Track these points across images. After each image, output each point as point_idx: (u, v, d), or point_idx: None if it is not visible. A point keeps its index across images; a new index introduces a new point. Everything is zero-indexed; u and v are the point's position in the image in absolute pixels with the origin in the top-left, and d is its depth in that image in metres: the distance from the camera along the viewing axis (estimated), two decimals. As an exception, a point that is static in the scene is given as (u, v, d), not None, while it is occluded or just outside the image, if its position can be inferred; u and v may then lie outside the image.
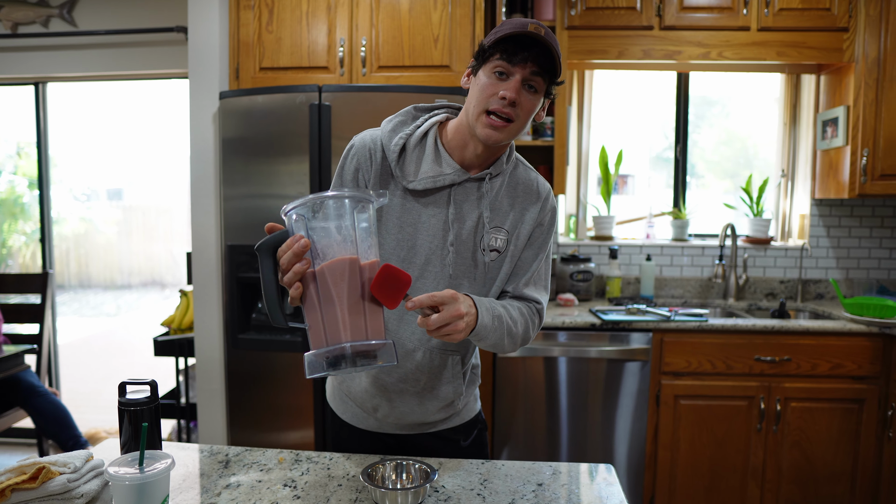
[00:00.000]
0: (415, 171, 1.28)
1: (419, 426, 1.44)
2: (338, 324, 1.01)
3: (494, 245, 1.32)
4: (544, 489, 1.21)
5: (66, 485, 1.09)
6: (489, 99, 1.20)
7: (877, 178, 2.92)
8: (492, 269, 1.33)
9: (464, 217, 1.30)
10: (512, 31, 1.17)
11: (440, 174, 1.27)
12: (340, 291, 1.01)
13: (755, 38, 2.94)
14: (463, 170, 1.29)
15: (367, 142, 1.31)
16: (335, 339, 1.01)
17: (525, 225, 1.34)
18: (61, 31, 3.43)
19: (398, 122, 1.33)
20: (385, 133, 1.31)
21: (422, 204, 1.29)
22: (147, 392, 1.20)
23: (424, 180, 1.27)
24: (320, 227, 1.02)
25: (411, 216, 1.29)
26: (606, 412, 2.73)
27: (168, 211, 6.83)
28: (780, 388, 2.66)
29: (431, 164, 1.28)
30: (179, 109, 4.12)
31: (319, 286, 1.01)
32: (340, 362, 1.00)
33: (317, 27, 2.80)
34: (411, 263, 1.30)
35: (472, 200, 1.30)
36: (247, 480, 1.22)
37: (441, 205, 1.29)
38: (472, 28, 2.75)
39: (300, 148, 2.59)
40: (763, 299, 3.35)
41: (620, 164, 3.44)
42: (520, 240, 1.34)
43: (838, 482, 2.70)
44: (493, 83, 1.20)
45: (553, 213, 1.38)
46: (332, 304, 1.01)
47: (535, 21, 1.18)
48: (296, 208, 1.02)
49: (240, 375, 2.74)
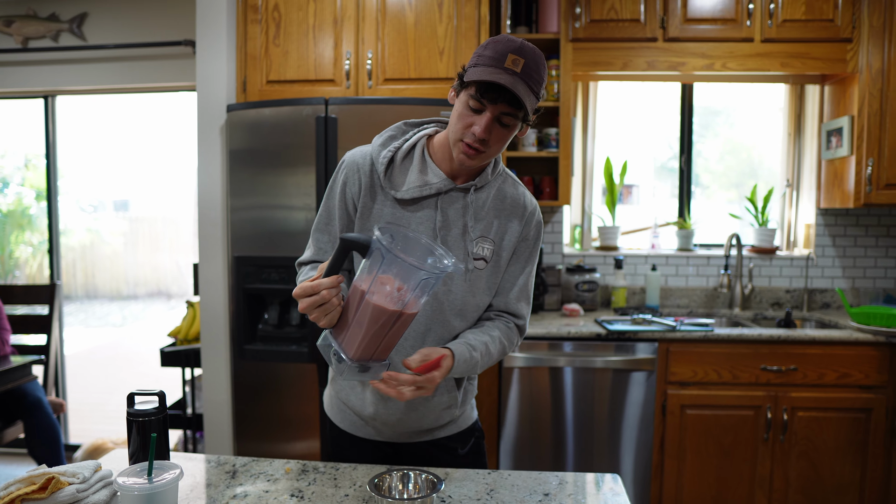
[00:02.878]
0: (402, 181, 1.33)
1: (416, 434, 1.46)
2: (355, 341, 1.10)
3: (481, 254, 1.36)
4: (550, 499, 1.21)
5: (75, 495, 1.10)
6: (463, 130, 1.24)
7: (882, 187, 2.92)
8: (478, 276, 1.37)
9: (450, 224, 1.34)
10: (484, 77, 1.17)
11: (426, 183, 1.32)
12: (371, 327, 1.09)
13: (759, 49, 2.96)
14: (449, 179, 1.33)
15: (356, 158, 1.36)
16: (347, 346, 1.12)
17: (510, 236, 1.38)
18: (71, 45, 3.47)
19: (388, 136, 1.38)
20: (375, 148, 1.36)
21: (410, 212, 1.34)
22: (156, 403, 1.21)
23: (411, 190, 1.32)
24: (396, 266, 1.06)
25: (401, 223, 1.34)
26: (612, 422, 2.72)
27: (174, 222, 6.86)
28: (786, 398, 2.65)
29: (418, 174, 1.33)
30: (187, 122, 4.15)
31: (359, 310, 1.09)
32: (337, 362, 1.13)
33: (323, 40, 2.83)
34: None
35: (457, 209, 1.34)
36: (254, 491, 1.23)
37: (429, 213, 1.33)
38: (478, 41, 2.77)
39: (307, 160, 2.61)
40: (769, 309, 3.34)
41: (625, 175, 3.45)
42: (505, 251, 1.39)
43: (846, 492, 2.69)
44: (468, 115, 1.23)
45: (538, 228, 1.42)
46: (360, 327, 1.10)
47: (518, 48, 1.18)
48: (393, 242, 1.06)
49: (246, 386, 2.75)
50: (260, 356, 2.71)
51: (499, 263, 1.39)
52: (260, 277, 2.68)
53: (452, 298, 1.35)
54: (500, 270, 1.39)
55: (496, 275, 1.39)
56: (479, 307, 1.40)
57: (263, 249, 2.68)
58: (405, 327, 1.13)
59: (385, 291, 1.07)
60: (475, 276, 1.36)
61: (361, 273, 1.10)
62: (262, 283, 2.68)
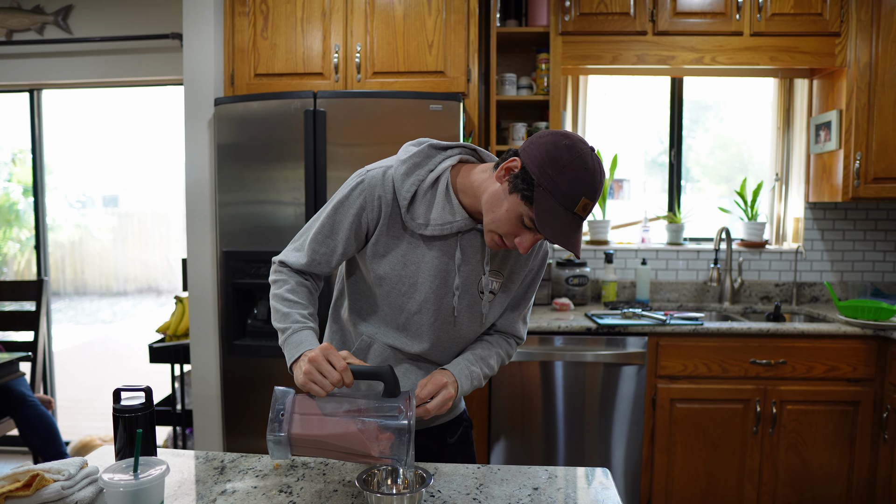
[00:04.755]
0: (424, 215, 1.29)
1: None
2: (309, 430, 1.14)
3: (492, 288, 1.37)
4: (540, 493, 1.21)
5: (60, 492, 1.09)
6: (506, 233, 1.21)
7: (870, 181, 2.94)
8: (489, 309, 1.39)
9: (468, 262, 1.33)
10: (549, 234, 1.15)
11: (449, 222, 1.29)
12: (333, 441, 1.13)
13: (748, 42, 2.96)
14: (471, 219, 1.30)
15: (376, 184, 1.29)
16: (297, 424, 1.14)
17: (520, 270, 1.40)
18: (56, 38, 3.43)
19: (413, 163, 1.29)
20: (398, 175, 1.28)
21: (427, 246, 1.31)
22: (142, 398, 1.20)
23: (434, 227, 1.29)
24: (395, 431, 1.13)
25: (416, 255, 1.31)
26: (603, 416, 2.73)
27: (164, 217, 6.81)
28: (775, 391, 2.67)
29: (441, 211, 1.29)
30: (175, 116, 4.12)
31: (337, 422, 1.14)
32: (276, 419, 1.14)
33: (311, 33, 2.81)
34: (411, 298, 1.33)
35: (475, 246, 1.33)
36: (242, 487, 1.22)
37: (446, 249, 1.31)
38: (467, 34, 2.76)
39: (295, 154, 2.59)
40: (758, 302, 3.36)
41: (615, 169, 3.45)
42: (514, 283, 1.41)
43: (834, 484, 2.71)
44: (517, 226, 1.19)
45: (544, 259, 1.44)
46: (323, 429, 1.14)
47: (591, 190, 1.14)
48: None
49: (236, 382, 2.74)
50: (249, 351, 2.69)
51: (506, 294, 1.41)
52: (249, 272, 2.67)
53: (461, 331, 1.39)
54: (506, 300, 1.42)
55: (502, 304, 1.42)
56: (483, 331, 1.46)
57: (252, 244, 2.66)
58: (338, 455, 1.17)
59: (371, 432, 1.12)
60: (486, 308, 1.38)
61: (371, 401, 1.16)
62: (252, 279, 2.66)
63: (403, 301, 1.33)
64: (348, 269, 1.43)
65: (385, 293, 1.33)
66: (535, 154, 1.15)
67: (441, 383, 1.28)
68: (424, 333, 1.35)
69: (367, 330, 1.39)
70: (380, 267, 1.32)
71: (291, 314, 1.29)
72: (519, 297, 1.45)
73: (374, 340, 1.38)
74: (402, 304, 1.34)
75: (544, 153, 1.14)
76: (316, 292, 1.40)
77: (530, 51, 3.24)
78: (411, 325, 1.35)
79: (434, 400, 1.26)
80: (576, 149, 1.13)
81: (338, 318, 1.48)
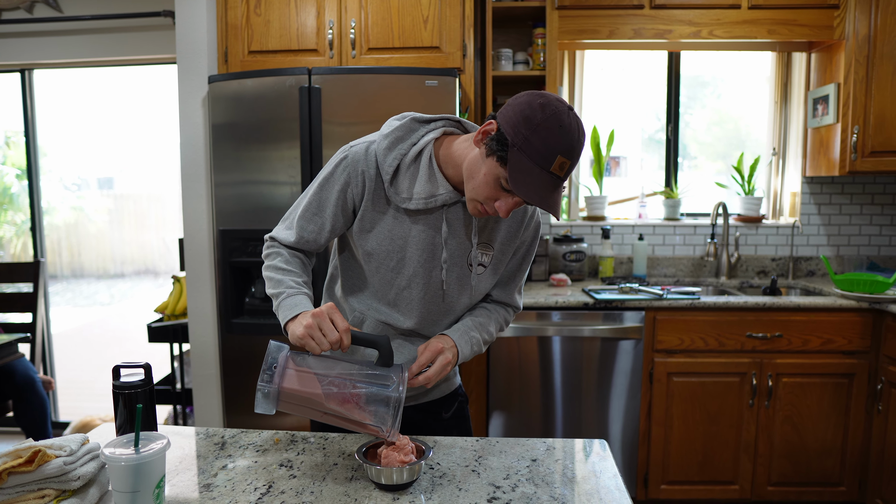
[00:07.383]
0: (408, 189, 1.28)
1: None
2: (303, 386, 1.14)
3: (481, 260, 1.36)
4: (538, 464, 1.22)
5: (62, 467, 1.09)
6: (485, 198, 1.19)
7: (867, 155, 2.93)
8: (478, 281, 1.38)
9: (455, 235, 1.32)
10: (523, 193, 1.12)
11: (433, 195, 1.28)
12: (318, 399, 1.14)
13: (746, 16, 2.93)
14: (455, 191, 1.29)
15: (359, 159, 1.29)
16: (288, 380, 1.14)
17: (510, 241, 1.39)
18: (46, 16, 3.39)
19: (395, 137, 1.28)
20: (381, 150, 1.28)
21: (412, 220, 1.30)
22: (141, 375, 1.20)
23: (417, 201, 1.28)
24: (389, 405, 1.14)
25: (402, 230, 1.31)
26: (601, 390, 2.75)
27: (160, 198, 6.77)
28: (771, 364, 2.69)
29: (425, 184, 1.28)
30: (168, 95, 4.08)
31: (330, 383, 1.14)
32: (267, 370, 1.15)
33: (305, 9, 2.77)
34: (399, 273, 1.33)
35: (461, 219, 1.32)
36: (243, 461, 1.23)
37: (432, 223, 1.31)
38: (462, 8, 2.73)
39: (291, 132, 2.57)
40: (755, 277, 3.37)
41: (612, 145, 3.43)
42: (505, 255, 1.40)
43: (828, 456, 2.74)
44: (495, 188, 1.17)
45: (536, 230, 1.43)
46: (315, 387, 1.14)
47: (569, 149, 1.10)
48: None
49: (234, 360, 2.75)
50: (247, 329, 2.70)
51: (498, 266, 1.40)
52: (246, 251, 2.66)
53: (452, 305, 1.39)
54: (498, 272, 1.42)
55: (494, 276, 1.42)
56: (477, 301, 1.47)
57: (249, 223, 2.65)
58: (321, 417, 1.17)
59: (360, 396, 1.13)
60: (476, 280, 1.38)
61: (363, 368, 1.17)
62: (249, 257, 2.66)
63: (392, 276, 1.33)
64: (340, 245, 1.43)
65: (374, 269, 1.34)
66: (509, 115, 1.13)
67: (437, 349, 1.29)
68: (415, 308, 1.36)
69: (359, 306, 1.39)
70: (367, 242, 1.32)
71: (285, 280, 1.30)
72: (514, 270, 1.45)
73: (366, 316, 1.39)
74: (391, 279, 1.34)
75: (518, 113, 1.12)
76: (309, 265, 1.40)
77: (526, 25, 3.21)
78: (401, 300, 1.35)
79: (433, 367, 1.28)
80: (550, 107, 1.10)
81: (332, 295, 1.48)
